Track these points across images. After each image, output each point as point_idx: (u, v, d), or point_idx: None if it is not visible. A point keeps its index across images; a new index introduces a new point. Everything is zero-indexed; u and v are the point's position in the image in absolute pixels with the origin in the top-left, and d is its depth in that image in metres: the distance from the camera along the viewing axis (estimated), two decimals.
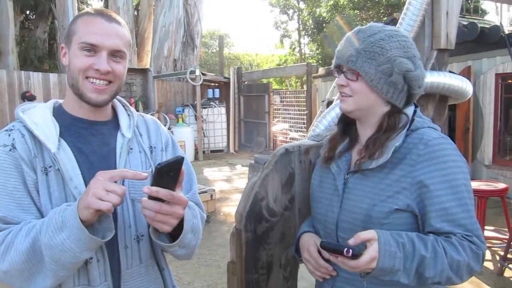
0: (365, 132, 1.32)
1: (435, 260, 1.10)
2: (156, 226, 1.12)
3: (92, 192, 1.01)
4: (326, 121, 2.03)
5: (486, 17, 13.41)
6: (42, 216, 1.14)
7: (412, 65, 1.23)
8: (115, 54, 1.21)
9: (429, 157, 1.18)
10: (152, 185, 1.05)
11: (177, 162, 1.06)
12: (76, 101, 1.25)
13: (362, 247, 1.09)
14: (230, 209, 6.84)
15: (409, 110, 1.28)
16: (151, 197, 1.07)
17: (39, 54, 15.66)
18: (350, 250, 1.05)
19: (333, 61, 1.32)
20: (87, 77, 1.19)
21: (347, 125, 1.40)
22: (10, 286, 1.15)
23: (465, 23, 7.18)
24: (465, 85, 2.17)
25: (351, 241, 1.09)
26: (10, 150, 1.14)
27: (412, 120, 1.26)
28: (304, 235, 1.42)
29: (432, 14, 2.10)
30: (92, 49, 1.18)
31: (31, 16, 17.51)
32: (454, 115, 7.68)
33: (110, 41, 1.19)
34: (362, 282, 1.23)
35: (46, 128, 1.18)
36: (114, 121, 1.32)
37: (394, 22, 7.88)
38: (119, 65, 1.23)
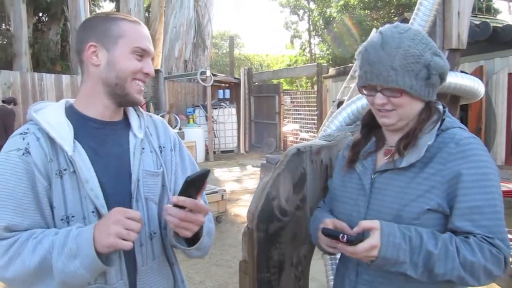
0: (394, 134, 1.31)
1: (446, 257, 1.10)
2: (178, 231, 1.19)
3: (115, 233, 1.06)
4: (337, 121, 2.03)
5: (498, 17, 13.27)
6: (47, 223, 1.16)
7: (442, 60, 1.23)
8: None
9: (460, 156, 1.17)
10: (179, 194, 1.12)
11: (204, 175, 1.14)
12: (102, 102, 1.27)
13: (363, 235, 1.14)
14: (240, 209, 6.85)
15: (440, 108, 1.29)
16: (176, 205, 1.13)
17: (51, 56, 15.81)
18: (345, 236, 1.12)
19: (363, 80, 1.26)
20: (134, 79, 1.26)
21: (370, 129, 1.39)
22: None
23: (477, 22, 7.11)
24: (477, 85, 2.16)
25: (355, 229, 1.15)
26: (23, 154, 1.14)
27: (443, 120, 1.25)
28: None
29: (444, 14, 2.10)
30: (142, 54, 1.26)
31: (44, 18, 17.68)
32: (466, 115, 7.62)
33: (152, 47, 1.29)
34: (379, 281, 1.24)
35: (62, 129, 1.18)
36: (125, 121, 1.34)
37: (405, 22, 7.81)
38: None
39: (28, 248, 1.09)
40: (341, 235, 1.13)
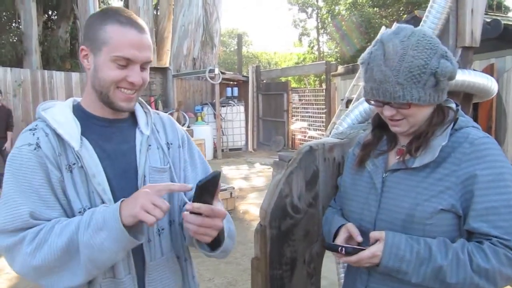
0: (406, 135, 1.30)
1: (457, 267, 1.11)
2: (198, 238, 1.18)
3: (141, 204, 1.06)
4: (349, 119, 2.03)
5: (509, 14, 13.14)
6: (66, 213, 1.17)
7: (449, 62, 1.18)
8: (144, 65, 1.23)
9: (475, 156, 1.16)
10: (193, 201, 1.11)
11: (215, 177, 1.12)
12: (98, 103, 1.26)
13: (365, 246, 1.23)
14: (249, 207, 6.87)
15: (453, 106, 1.27)
16: (193, 212, 1.12)
17: (61, 53, 15.89)
18: (343, 249, 1.21)
19: (369, 95, 1.23)
20: (118, 87, 1.21)
21: (381, 129, 1.38)
22: (36, 284, 1.18)
23: (488, 20, 7.05)
24: (490, 83, 2.15)
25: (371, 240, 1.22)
26: (35, 149, 1.16)
27: (456, 119, 1.24)
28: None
29: (457, 12, 2.08)
30: (126, 63, 1.19)
31: (53, 17, 17.78)
32: (476, 114, 7.56)
33: (143, 54, 1.20)
34: (394, 281, 1.24)
35: (69, 126, 1.20)
36: (132, 119, 1.35)
37: (415, 19, 7.78)
38: (146, 73, 1.25)
39: (55, 232, 1.10)
40: (340, 248, 1.21)
